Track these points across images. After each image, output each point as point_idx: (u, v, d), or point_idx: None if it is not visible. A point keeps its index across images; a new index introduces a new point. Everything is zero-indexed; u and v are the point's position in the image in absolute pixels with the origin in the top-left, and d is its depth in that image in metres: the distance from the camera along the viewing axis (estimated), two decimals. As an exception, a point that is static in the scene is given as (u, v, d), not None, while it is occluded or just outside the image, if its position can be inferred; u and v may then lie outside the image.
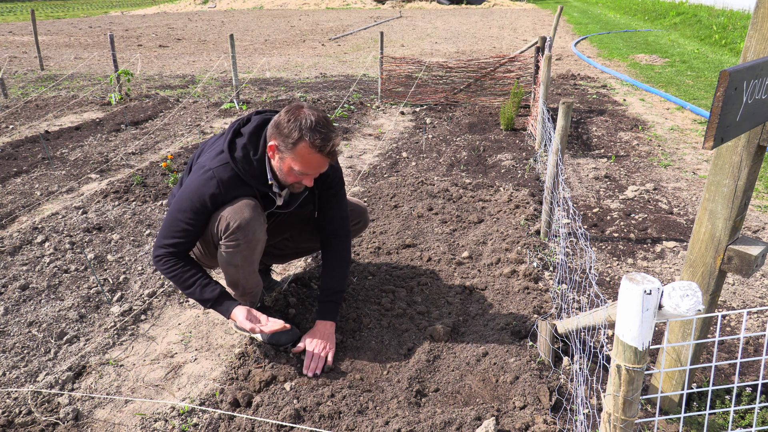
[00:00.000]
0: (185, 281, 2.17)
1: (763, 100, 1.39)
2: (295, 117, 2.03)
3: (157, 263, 2.19)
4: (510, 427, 1.90)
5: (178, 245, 2.16)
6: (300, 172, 2.08)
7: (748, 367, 2.27)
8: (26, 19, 21.31)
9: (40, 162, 4.82)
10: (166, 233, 2.16)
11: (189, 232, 2.15)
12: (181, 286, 2.19)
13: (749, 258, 1.65)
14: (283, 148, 2.05)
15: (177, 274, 2.16)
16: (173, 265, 2.16)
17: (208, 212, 2.14)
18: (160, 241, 2.18)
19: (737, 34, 12.02)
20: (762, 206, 3.92)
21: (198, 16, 22.92)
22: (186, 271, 2.17)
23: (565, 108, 2.89)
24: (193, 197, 2.12)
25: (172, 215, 2.15)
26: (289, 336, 2.35)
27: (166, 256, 2.17)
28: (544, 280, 2.89)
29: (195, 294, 2.18)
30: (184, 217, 2.13)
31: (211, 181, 2.10)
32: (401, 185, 4.18)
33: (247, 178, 2.14)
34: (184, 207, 2.13)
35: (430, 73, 7.21)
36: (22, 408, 2.05)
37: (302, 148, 2.02)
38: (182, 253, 2.19)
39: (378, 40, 7.45)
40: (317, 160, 2.06)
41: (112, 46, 7.26)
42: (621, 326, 1.08)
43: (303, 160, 2.05)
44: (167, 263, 2.16)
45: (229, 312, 2.17)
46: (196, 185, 2.12)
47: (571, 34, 15.37)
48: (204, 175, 2.12)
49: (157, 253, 2.18)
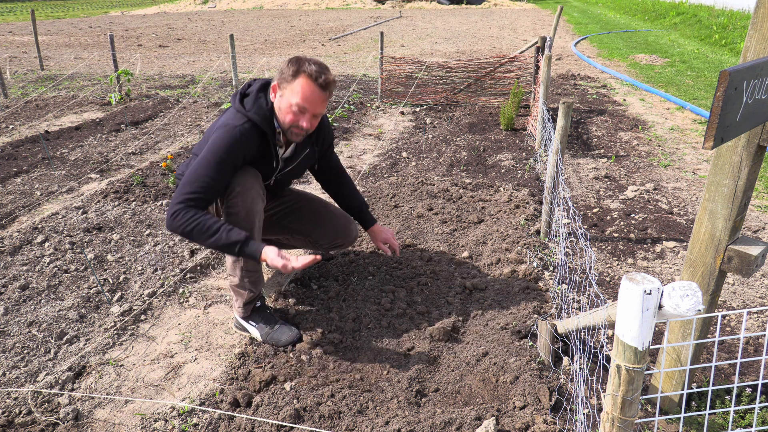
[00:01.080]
0: (209, 228, 2.11)
1: (763, 100, 1.39)
2: (296, 59, 2.24)
3: (174, 219, 2.11)
4: (510, 427, 1.90)
5: (198, 199, 2.14)
6: (297, 108, 2.21)
7: (748, 367, 2.27)
8: (26, 19, 21.32)
9: (40, 162, 4.82)
10: (187, 189, 2.14)
11: (210, 187, 2.16)
12: (205, 234, 2.11)
13: (749, 258, 1.65)
14: (284, 84, 2.23)
15: (200, 222, 2.10)
16: (194, 215, 2.11)
17: (230, 165, 2.20)
18: (179, 197, 2.13)
19: (737, 34, 12.02)
20: (762, 206, 3.92)
21: (198, 16, 22.93)
22: (208, 219, 2.12)
23: (565, 108, 2.89)
24: (218, 150, 2.17)
25: (194, 171, 2.17)
26: (289, 336, 2.38)
27: (186, 208, 2.12)
28: (544, 280, 2.89)
29: (222, 239, 2.11)
30: (207, 171, 2.16)
31: (234, 131, 2.21)
32: (401, 185, 4.18)
33: (263, 126, 2.27)
34: (208, 160, 2.17)
35: (430, 73, 7.21)
36: (22, 408, 2.05)
37: (300, 79, 2.19)
38: (203, 206, 2.16)
39: (378, 40, 7.45)
40: (313, 92, 2.20)
41: (112, 46, 7.26)
42: (621, 326, 1.08)
43: (302, 92, 2.20)
44: (187, 214, 2.11)
45: (260, 252, 2.12)
46: (219, 139, 2.20)
47: (571, 34, 15.37)
48: (225, 129, 2.21)
49: (175, 209, 2.12)
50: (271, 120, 2.31)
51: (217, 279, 3.01)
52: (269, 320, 2.45)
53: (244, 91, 2.36)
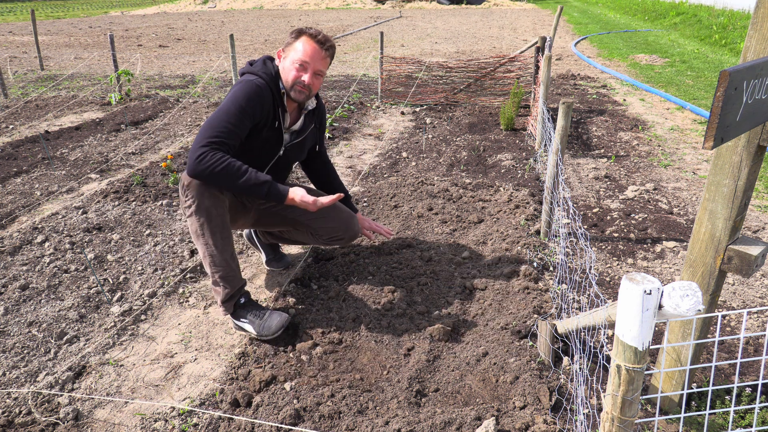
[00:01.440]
0: (238, 169, 2.17)
1: (763, 100, 1.39)
2: (298, 28, 2.48)
3: (201, 161, 2.14)
4: (510, 427, 1.90)
5: (222, 143, 2.19)
6: (300, 61, 2.39)
7: (748, 367, 2.27)
8: (26, 19, 21.31)
9: (40, 162, 4.82)
10: (209, 132, 2.19)
11: (231, 133, 2.24)
12: (234, 174, 2.16)
13: (749, 258, 1.65)
14: (288, 47, 2.46)
15: (229, 162, 2.16)
16: (222, 156, 2.15)
17: (249, 115, 2.30)
18: (202, 141, 2.17)
19: (737, 34, 12.02)
20: (762, 206, 3.92)
21: (198, 16, 22.92)
22: (236, 161, 2.19)
23: (565, 108, 2.89)
24: (237, 99, 2.29)
25: (216, 118, 2.24)
26: (279, 321, 2.41)
27: (212, 150, 2.16)
28: (544, 280, 2.89)
29: (251, 179, 2.19)
30: (228, 117, 2.25)
31: (251, 83, 2.34)
32: (401, 185, 4.18)
33: (270, 85, 2.41)
34: (228, 108, 2.26)
35: (430, 73, 7.21)
36: (22, 408, 2.05)
37: (301, 38, 2.43)
38: (227, 150, 2.21)
39: (378, 40, 7.45)
40: (312, 48, 2.41)
41: (112, 46, 7.26)
42: (621, 326, 1.08)
43: (302, 48, 2.41)
44: (216, 155, 2.15)
45: (287, 191, 2.25)
46: (239, 90, 2.32)
47: (571, 34, 15.37)
48: (243, 83, 2.35)
49: (200, 152, 2.14)
50: (276, 82, 2.46)
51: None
52: (257, 313, 2.44)
53: (250, 62, 2.53)
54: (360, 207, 3.85)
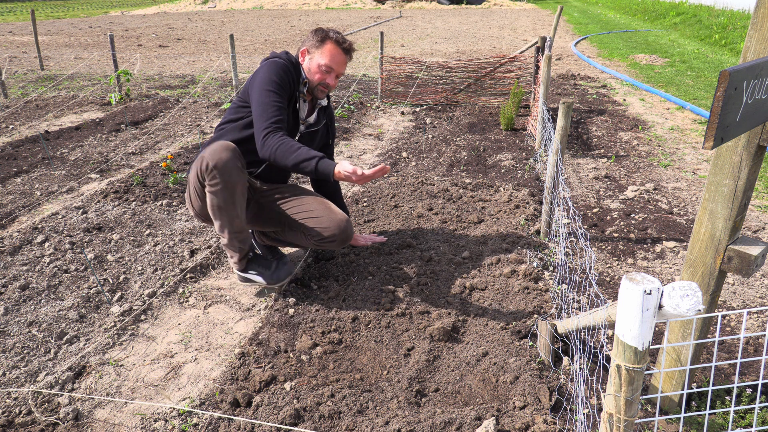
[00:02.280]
0: (292, 146, 2.40)
1: (763, 100, 1.39)
2: (319, 29, 2.67)
3: (265, 143, 2.42)
4: (510, 427, 1.90)
5: (278, 121, 2.45)
6: (326, 67, 2.61)
7: (748, 367, 2.27)
8: (26, 19, 21.31)
9: (40, 162, 4.82)
10: (264, 117, 2.45)
11: (281, 108, 2.49)
12: (289, 151, 2.40)
13: (749, 258, 1.65)
14: (312, 49, 2.64)
15: (285, 140, 2.41)
16: (280, 136, 2.42)
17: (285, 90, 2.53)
18: (261, 127, 2.44)
19: (737, 34, 12.02)
20: (762, 206, 3.92)
21: (198, 16, 22.92)
22: (290, 140, 2.43)
23: (565, 108, 2.89)
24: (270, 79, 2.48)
25: (260, 104, 2.47)
26: (286, 270, 2.76)
27: (272, 132, 2.43)
28: (544, 280, 2.89)
29: (303, 154, 2.39)
30: (271, 97, 2.47)
31: (278, 61, 2.55)
32: (401, 185, 4.18)
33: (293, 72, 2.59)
34: (267, 90, 2.47)
35: (430, 73, 7.21)
36: (22, 408, 2.05)
37: (328, 44, 2.62)
38: (285, 128, 2.48)
39: (378, 40, 7.45)
40: (339, 55, 2.63)
41: (112, 46, 7.26)
42: (621, 326, 1.08)
43: (329, 54, 2.61)
44: (275, 136, 2.41)
45: (333, 165, 2.38)
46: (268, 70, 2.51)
47: (571, 34, 15.37)
48: (276, 63, 2.54)
49: (263, 135, 2.43)
50: (299, 69, 2.65)
51: (217, 279, 3.01)
52: (266, 264, 2.76)
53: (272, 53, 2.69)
54: (360, 207, 3.85)
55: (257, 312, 2.71)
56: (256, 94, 2.50)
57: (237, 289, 2.91)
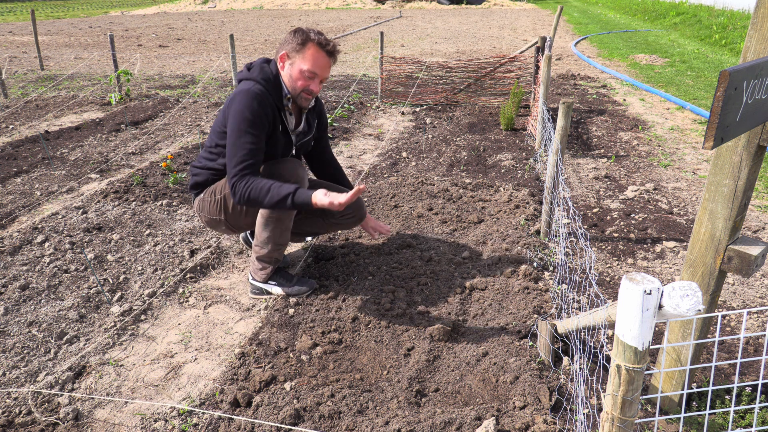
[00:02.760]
0: (262, 189, 2.35)
1: (763, 100, 1.39)
2: (299, 29, 2.45)
3: (235, 192, 2.38)
4: (510, 427, 1.90)
5: (249, 165, 2.38)
6: (309, 73, 2.43)
7: (748, 367, 2.27)
8: (26, 19, 21.31)
9: (40, 162, 4.82)
10: (233, 162, 2.39)
11: (254, 151, 2.39)
12: (260, 195, 2.35)
13: (749, 258, 1.65)
14: (293, 53, 2.44)
15: (254, 186, 2.35)
16: (247, 182, 2.36)
17: (260, 125, 2.40)
18: (231, 173, 2.40)
19: (737, 34, 12.02)
20: (762, 206, 3.92)
21: (198, 16, 22.92)
22: (259, 182, 2.37)
23: (565, 108, 2.89)
24: (242, 115, 2.37)
25: (232, 144, 2.39)
26: (309, 286, 2.74)
27: (240, 178, 2.37)
28: (544, 280, 2.89)
29: (275, 195, 2.34)
30: (243, 137, 2.37)
31: (248, 93, 2.39)
32: (401, 185, 4.18)
33: (272, 92, 2.45)
34: (239, 128, 2.37)
35: (430, 73, 7.21)
36: (22, 408, 2.05)
37: (309, 47, 2.41)
38: (254, 171, 2.41)
39: (378, 40, 7.45)
40: (322, 58, 2.43)
41: (112, 46, 7.26)
42: (621, 326, 1.08)
43: (311, 58, 2.41)
44: (242, 182, 2.37)
45: (310, 197, 2.33)
46: (240, 104, 2.38)
47: (571, 34, 15.37)
48: (240, 95, 2.40)
49: (232, 184, 2.39)
50: (277, 86, 2.49)
51: (217, 279, 3.01)
52: (288, 277, 2.74)
53: (247, 66, 2.55)
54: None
55: (257, 312, 2.71)
56: (229, 131, 2.42)
57: (237, 289, 2.91)
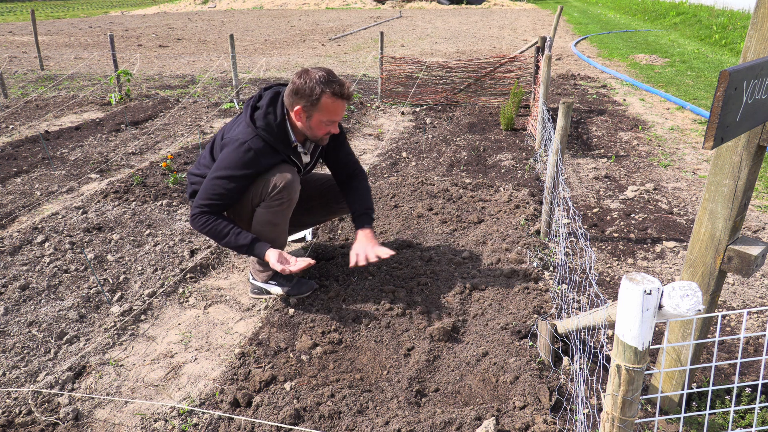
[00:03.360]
0: (220, 232, 2.45)
1: (763, 100, 1.39)
2: (309, 78, 2.37)
3: (193, 222, 2.48)
4: (510, 427, 1.90)
5: (213, 206, 2.45)
6: (328, 121, 2.44)
7: (748, 367, 2.27)
8: (26, 19, 21.31)
9: (40, 162, 4.82)
10: (204, 196, 2.45)
11: (225, 196, 2.45)
12: (216, 237, 2.46)
13: (749, 258, 1.65)
14: (309, 107, 2.40)
15: (212, 227, 2.45)
16: (207, 220, 2.45)
17: (245, 180, 2.44)
18: (198, 203, 2.46)
19: (737, 34, 12.02)
20: (762, 206, 3.92)
21: (198, 16, 22.92)
22: (219, 224, 2.45)
23: (565, 108, 2.89)
24: (232, 166, 2.41)
25: (212, 181, 2.44)
26: (308, 287, 2.72)
27: (201, 214, 2.45)
28: (544, 280, 2.88)
29: (231, 242, 2.45)
30: (223, 183, 2.43)
31: (248, 153, 2.41)
32: (401, 185, 4.18)
33: (275, 144, 2.45)
34: (224, 174, 2.42)
35: (430, 73, 7.21)
36: (22, 408, 2.05)
37: (325, 99, 2.38)
38: (216, 212, 2.48)
39: (378, 40, 7.45)
40: (340, 105, 2.43)
41: (112, 46, 7.26)
42: (621, 326, 1.08)
43: (329, 109, 2.41)
44: (201, 219, 2.45)
45: (263, 254, 2.45)
46: (233, 156, 2.41)
47: (571, 34, 15.37)
48: (240, 147, 2.41)
49: (193, 213, 2.47)
50: (281, 134, 2.47)
51: (217, 279, 3.01)
52: (288, 277, 2.72)
53: (254, 104, 2.51)
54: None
55: (257, 312, 2.71)
56: (213, 166, 2.48)
57: (237, 289, 2.91)
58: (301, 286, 2.73)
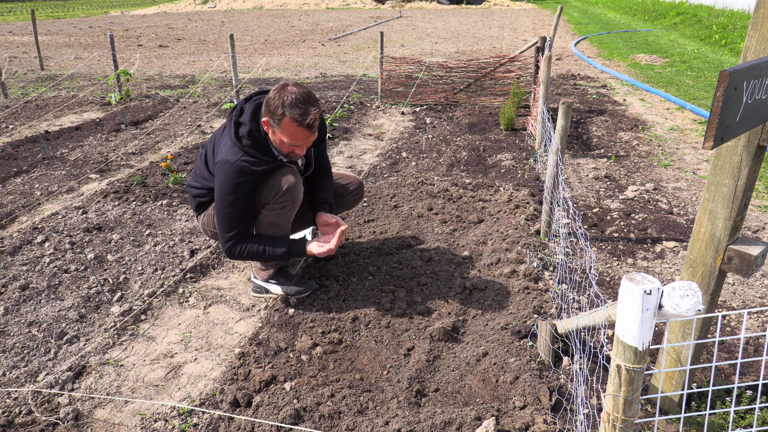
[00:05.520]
0: (257, 252, 2.53)
1: (763, 100, 1.39)
2: (280, 95, 2.32)
3: (229, 256, 2.55)
4: (510, 427, 1.90)
5: (238, 232, 2.50)
6: (290, 143, 2.39)
7: (748, 367, 2.27)
8: (26, 19, 21.31)
9: (40, 162, 4.82)
10: (225, 229, 2.50)
11: (242, 218, 2.49)
12: (257, 258, 2.55)
13: (749, 258, 1.65)
14: (273, 123, 2.38)
15: (247, 252, 2.52)
16: (241, 249, 2.52)
17: (250, 194, 2.46)
18: (223, 237, 2.51)
19: (737, 34, 12.02)
20: (762, 206, 3.92)
21: (198, 16, 22.92)
22: (252, 247, 2.53)
23: (565, 108, 2.89)
24: (232, 190, 2.42)
25: (222, 212, 2.48)
26: (308, 286, 2.75)
27: (232, 246, 2.52)
28: (544, 280, 2.88)
29: (271, 255, 2.53)
30: (232, 209, 2.45)
31: (232, 169, 2.40)
32: (401, 185, 4.18)
33: (263, 157, 2.44)
34: (228, 201, 2.44)
35: (430, 73, 7.21)
36: (22, 408, 2.05)
37: (286, 122, 2.32)
38: (244, 236, 2.54)
39: (378, 40, 7.45)
40: (301, 133, 2.35)
41: (112, 46, 7.25)
42: (621, 326, 1.08)
43: (289, 133, 2.35)
44: (235, 250, 2.52)
45: (304, 250, 2.55)
46: (230, 180, 2.41)
47: (571, 34, 15.37)
48: (231, 168, 2.40)
49: (225, 248, 2.53)
50: (268, 148, 2.48)
51: (217, 279, 3.01)
52: (288, 276, 2.77)
53: (237, 119, 2.48)
54: (360, 207, 3.85)
55: (257, 312, 2.71)
56: (215, 201, 2.49)
57: (237, 289, 2.91)
58: (302, 286, 2.74)
